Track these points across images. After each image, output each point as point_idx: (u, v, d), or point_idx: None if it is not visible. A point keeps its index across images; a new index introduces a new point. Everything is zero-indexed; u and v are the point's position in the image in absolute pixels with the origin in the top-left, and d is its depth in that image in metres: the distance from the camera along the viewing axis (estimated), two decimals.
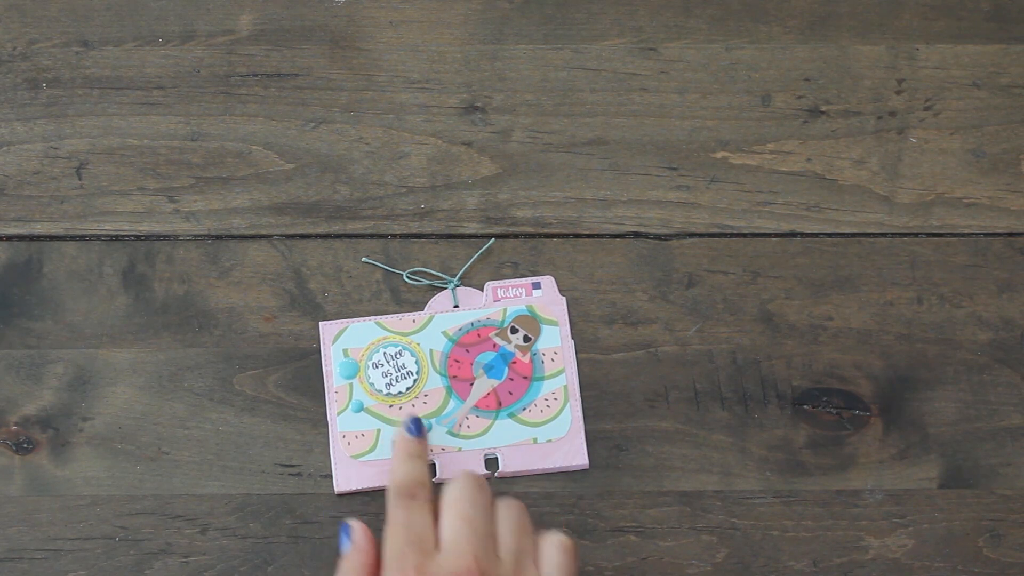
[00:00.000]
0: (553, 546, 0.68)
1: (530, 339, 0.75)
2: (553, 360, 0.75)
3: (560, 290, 0.76)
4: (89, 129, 0.78)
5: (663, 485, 0.74)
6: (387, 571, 0.66)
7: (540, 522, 0.73)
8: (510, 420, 0.74)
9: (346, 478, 0.73)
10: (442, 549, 0.66)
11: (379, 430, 0.74)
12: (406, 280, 0.76)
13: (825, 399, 0.75)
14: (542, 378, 0.75)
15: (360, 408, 0.74)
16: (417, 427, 0.72)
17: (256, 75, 0.79)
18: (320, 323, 0.75)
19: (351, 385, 0.74)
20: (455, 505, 0.67)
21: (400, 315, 0.75)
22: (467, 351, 0.75)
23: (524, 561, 0.67)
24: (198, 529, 0.73)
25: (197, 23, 0.80)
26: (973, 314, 0.76)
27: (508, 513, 0.68)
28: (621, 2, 0.80)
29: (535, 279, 0.76)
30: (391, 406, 0.74)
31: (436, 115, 0.79)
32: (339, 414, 0.74)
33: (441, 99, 0.79)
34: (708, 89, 0.79)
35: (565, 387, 0.74)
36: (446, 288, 0.76)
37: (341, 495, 0.73)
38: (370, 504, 0.73)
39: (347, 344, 0.75)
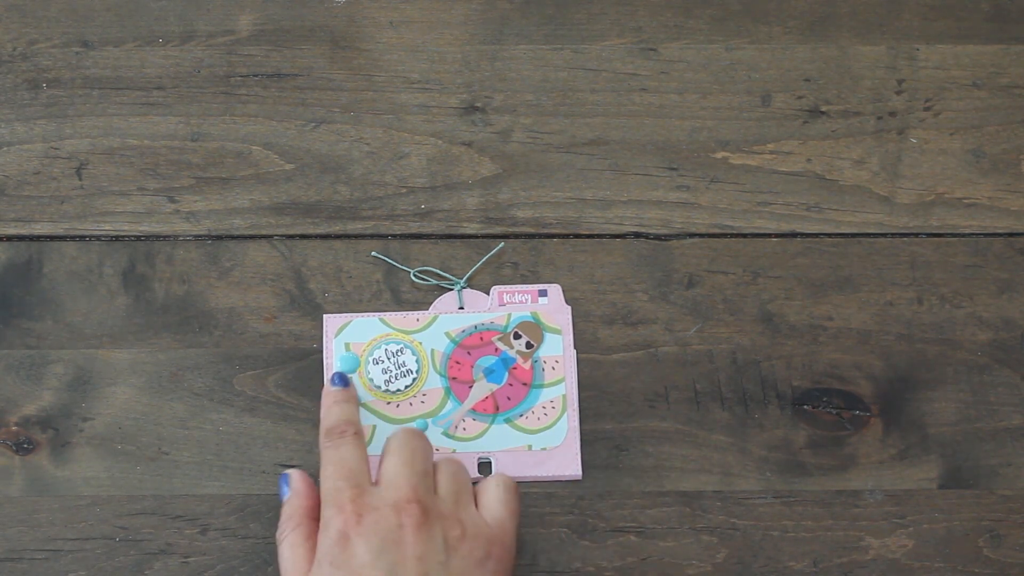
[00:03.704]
0: (493, 483, 0.69)
1: (532, 346, 0.75)
2: (554, 368, 0.75)
3: (561, 289, 0.76)
4: (89, 129, 0.78)
5: (663, 485, 0.74)
6: (324, 507, 0.67)
7: (540, 522, 0.73)
8: (506, 425, 0.74)
9: None
10: (380, 484, 0.67)
11: (375, 426, 0.74)
12: (413, 279, 0.76)
13: (825, 399, 0.75)
14: (541, 386, 0.75)
15: (358, 403, 0.74)
16: (342, 380, 0.72)
17: (256, 75, 0.79)
18: (324, 316, 0.75)
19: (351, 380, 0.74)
20: (394, 451, 0.68)
21: (404, 313, 0.75)
22: (468, 353, 0.75)
23: (463, 498, 0.68)
24: (198, 529, 0.73)
25: (197, 23, 0.80)
26: (973, 314, 0.76)
27: (447, 464, 0.69)
28: (621, 2, 0.80)
29: (542, 286, 0.76)
30: (388, 403, 0.74)
31: (436, 115, 0.79)
32: None
33: (441, 99, 0.79)
34: (708, 89, 0.79)
35: (564, 396, 0.74)
36: (452, 289, 0.76)
37: None
38: None
39: (349, 339, 0.75)
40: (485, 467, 0.74)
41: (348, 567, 0.65)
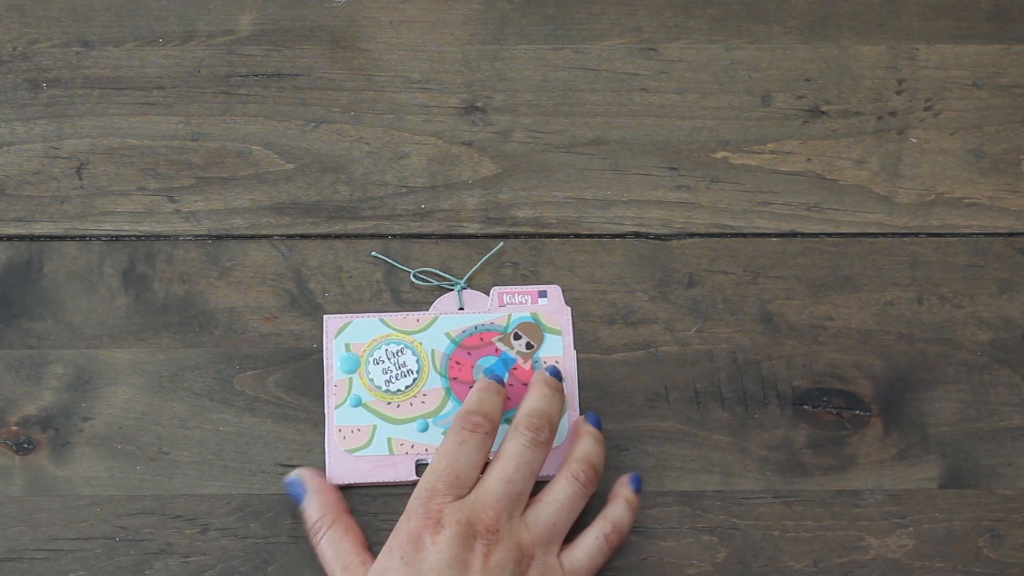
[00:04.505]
0: (593, 533, 0.70)
1: (532, 347, 0.75)
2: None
3: (560, 290, 0.76)
4: (89, 129, 0.78)
5: (663, 485, 0.74)
6: (415, 497, 0.69)
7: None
8: (507, 426, 0.74)
9: (339, 472, 0.73)
10: (476, 491, 0.69)
11: (375, 426, 0.74)
12: (413, 280, 0.76)
13: (825, 399, 0.75)
14: None
15: (358, 403, 0.74)
16: (499, 378, 0.73)
17: (256, 75, 0.79)
18: (324, 316, 0.75)
19: (351, 379, 0.74)
20: (504, 458, 0.69)
21: (404, 313, 0.75)
22: (469, 354, 0.75)
23: (551, 535, 0.69)
24: (198, 529, 0.73)
25: (197, 23, 0.80)
26: (973, 314, 0.76)
27: (561, 489, 0.70)
28: (621, 2, 0.80)
29: (542, 287, 0.76)
30: (389, 403, 0.74)
31: (436, 115, 0.79)
32: (336, 407, 0.74)
33: (441, 99, 0.79)
34: (708, 89, 0.79)
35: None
36: (452, 290, 0.76)
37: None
38: (368, 502, 0.73)
39: (350, 339, 0.75)
40: (484, 466, 0.74)
41: (416, 567, 0.66)
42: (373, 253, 0.76)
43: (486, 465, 0.70)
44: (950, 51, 0.80)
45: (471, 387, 0.74)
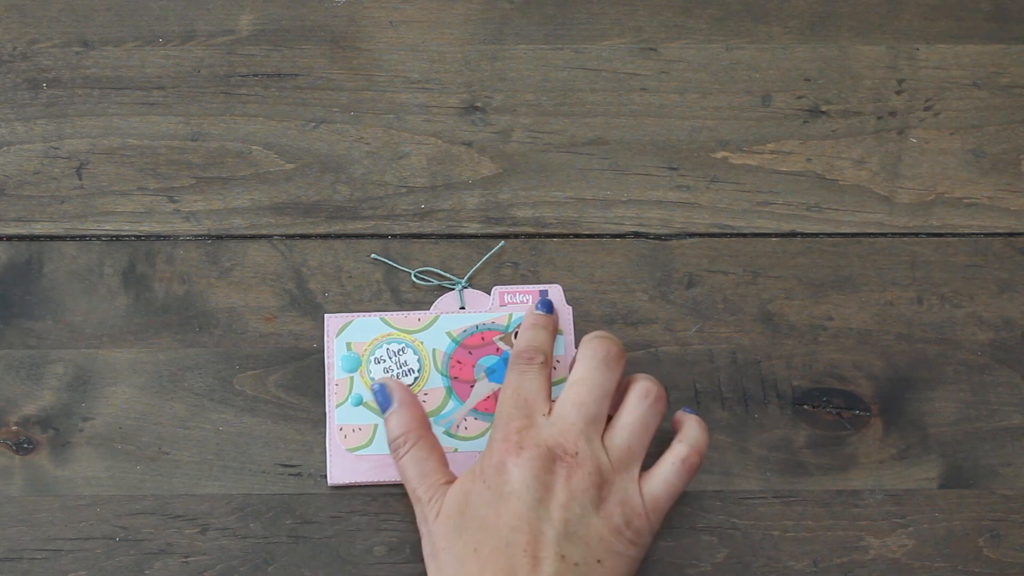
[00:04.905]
0: (671, 460, 0.70)
1: None
2: (555, 368, 0.75)
3: (562, 290, 0.76)
4: (89, 129, 0.78)
5: None
6: (494, 428, 0.69)
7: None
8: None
9: (341, 471, 0.73)
10: (552, 415, 0.69)
11: (376, 425, 0.74)
12: (414, 280, 0.76)
13: (825, 399, 0.75)
14: None
15: (359, 402, 0.74)
16: (547, 306, 0.74)
17: (256, 75, 0.79)
18: (325, 315, 0.75)
19: (352, 379, 0.74)
20: (577, 382, 0.69)
21: (406, 313, 0.75)
22: (470, 353, 0.75)
23: (630, 459, 0.69)
24: (198, 529, 0.73)
25: (197, 23, 0.80)
26: (973, 314, 0.76)
27: (635, 410, 0.69)
28: (621, 2, 0.80)
29: (543, 287, 0.76)
30: None
31: (436, 115, 0.79)
32: (338, 406, 0.74)
33: (441, 99, 0.79)
34: (708, 89, 0.79)
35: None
36: (453, 289, 0.76)
37: (335, 488, 0.73)
38: (368, 502, 0.73)
39: (351, 338, 0.75)
40: None
41: (499, 490, 0.67)
42: (373, 255, 0.76)
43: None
44: (950, 51, 0.80)
45: (472, 386, 0.74)
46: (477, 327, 0.75)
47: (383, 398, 0.71)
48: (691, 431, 0.70)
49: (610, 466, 0.68)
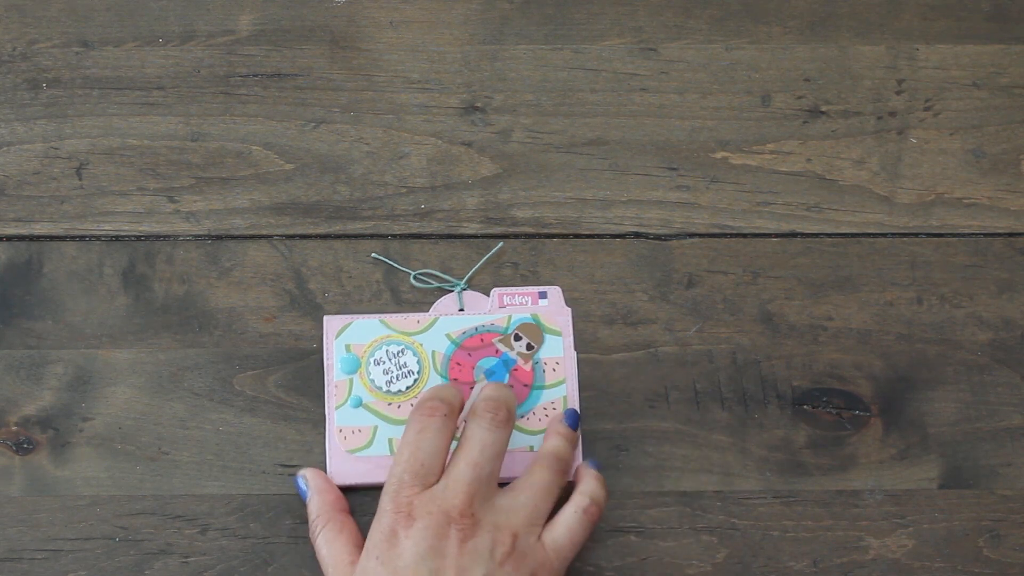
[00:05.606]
0: (572, 509, 0.70)
1: (533, 347, 0.75)
2: (555, 370, 0.75)
3: (561, 291, 0.76)
4: (89, 129, 0.78)
5: (663, 485, 0.74)
6: (385, 494, 0.68)
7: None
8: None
9: (340, 472, 0.73)
10: (445, 478, 0.68)
11: (376, 427, 0.74)
12: (413, 281, 0.76)
13: (825, 399, 0.75)
14: (542, 387, 0.75)
15: (359, 403, 0.74)
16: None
17: (256, 75, 0.79)
18: (324, 317, 0.75)
19: (351, 380, 0.74)
20: (467, 443, 0.69)
21: (405, 315, 0.75)
22: (469, 355, 0.75)
23: (530, 517, 0.69)
24: (198, 529, 0.73)
25: (197, 23, 0.80)
26: (973, 314, 0.76)
27: (536, 475, 0.70)
28: (621, 2, 0.80)
29: (542, 288, 0.76)
30: (390, 404, 0.74)
31: (436, 115, 0.79)
32: (337, 408, 0.74)
33: (441, 99, 0.79)
34: (708, 89, 0.79)
35: (565, 398, 0.74)
36: (452, 291, 0.76)
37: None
38: (368, 503, 0.73)
39: (350, 340, 0.75)
40: None
41: (392, 565, 0.66)
42: (374, 255, 0.76)
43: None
44: (950, 51, 0.80)
45: (471, 388, 0.74)
46: (476, 329, 0.75)
47: (301, 488, 0.72)
48: (590, 484, 0.71)
49: (510, 524, 0.68)
